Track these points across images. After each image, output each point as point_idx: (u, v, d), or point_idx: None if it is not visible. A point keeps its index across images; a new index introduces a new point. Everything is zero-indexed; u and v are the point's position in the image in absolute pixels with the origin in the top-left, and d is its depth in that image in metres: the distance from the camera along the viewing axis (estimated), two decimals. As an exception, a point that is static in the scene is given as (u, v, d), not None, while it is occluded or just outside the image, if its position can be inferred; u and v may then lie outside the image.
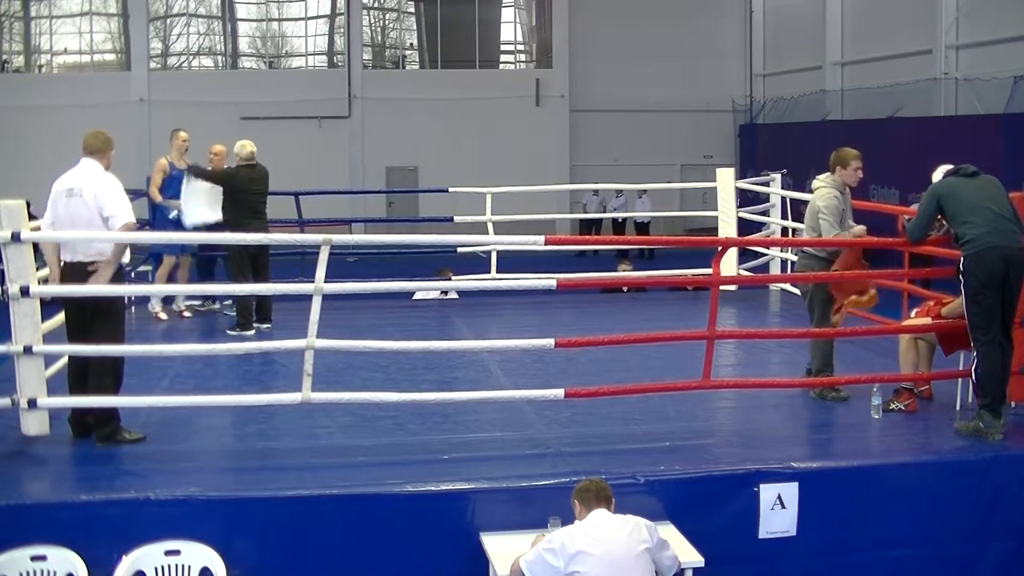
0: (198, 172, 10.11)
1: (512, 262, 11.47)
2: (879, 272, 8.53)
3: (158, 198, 10.29)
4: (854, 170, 7.19)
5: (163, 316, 10.24)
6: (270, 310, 9.91)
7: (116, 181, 6.29)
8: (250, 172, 10.08)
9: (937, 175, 6.76)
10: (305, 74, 31.21)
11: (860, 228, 7.24)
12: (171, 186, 10.29)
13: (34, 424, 6.13)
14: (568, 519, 5.10)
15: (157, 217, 10.43)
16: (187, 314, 10.51)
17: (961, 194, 6.49)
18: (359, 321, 10.50)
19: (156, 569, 5.22)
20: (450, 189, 13.04)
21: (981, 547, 6.01)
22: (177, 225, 10.13)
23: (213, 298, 10.80)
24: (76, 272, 6.21)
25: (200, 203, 10.05)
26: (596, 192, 26.00)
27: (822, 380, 7.20)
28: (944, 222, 6.70)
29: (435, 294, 12.17)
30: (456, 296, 12.11)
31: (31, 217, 6.58)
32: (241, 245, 9.48)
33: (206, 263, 11.18)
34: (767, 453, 6.09)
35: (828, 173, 7.25)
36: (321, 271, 6.02)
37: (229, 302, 10.76)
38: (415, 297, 11.95)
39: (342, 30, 30.32)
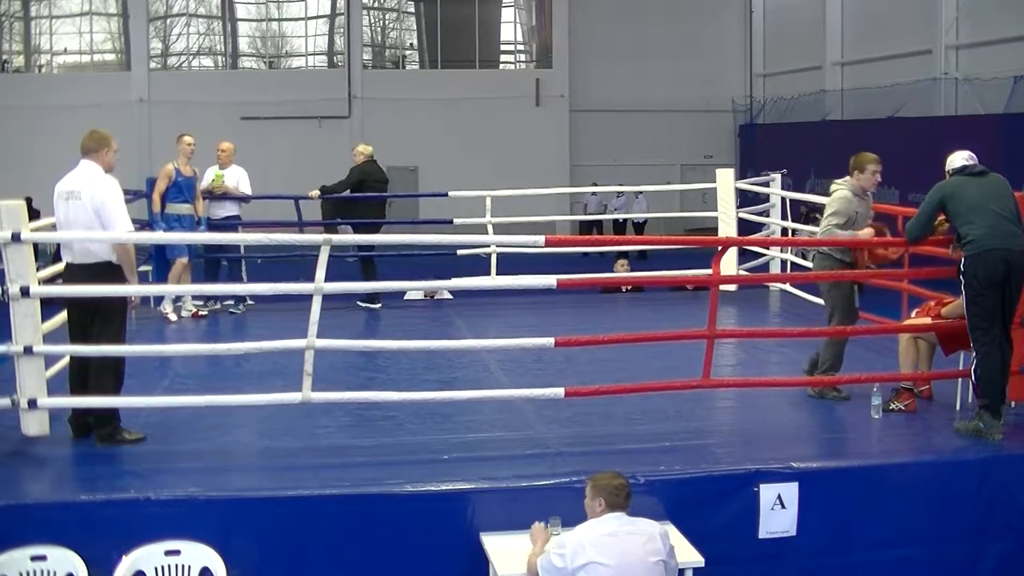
0: (327, 189, 11.45)
1: (512, 263, 11.46)
2: (879, 272, 8.53)
3: (156, 207, 10.20)
4: (872, 174, 7.17)
5: (173, 317, 10.20)
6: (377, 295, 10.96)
7: (115, 184, 6.27)
8: (375, 167, 11.51)
9: (951, 163, 6.69)
10: (305, 74, 31.21)
11: (868, 230, 7.13)
12: (175, 193, 10.24)
13: (34, 424, 6.13)
14: (568, 519, 5.09)
15: (155, 226, 10.33)
16: (203, 313, 10.49)
17: (965, 194, 6.46)
18: (359, 321, 10.53)
19: (156, 569, 5.22)
20: (450, 193, 13.02)
21: (981, 547, 6.00)
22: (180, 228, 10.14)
23: (216, 298, 10.79)
24: (77, 273, 6.21)
25: None
26: (595, 192, 26.01)
27: (822, 380, 7.21)
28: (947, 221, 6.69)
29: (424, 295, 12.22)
30: (451, 296, 12.11)
31: (34, 213, 6.57)
32: None
33: (211, 264, 11.18)
34: (767, 453, 6.09)
35: (847, 177, 7.25)
36: (321, 271, 6.02)
37: (231, 301, 10.78)
38: (406, 297, 11.96)
39: (342, 30, 30.32)
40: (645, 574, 4.69)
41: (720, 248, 6.98)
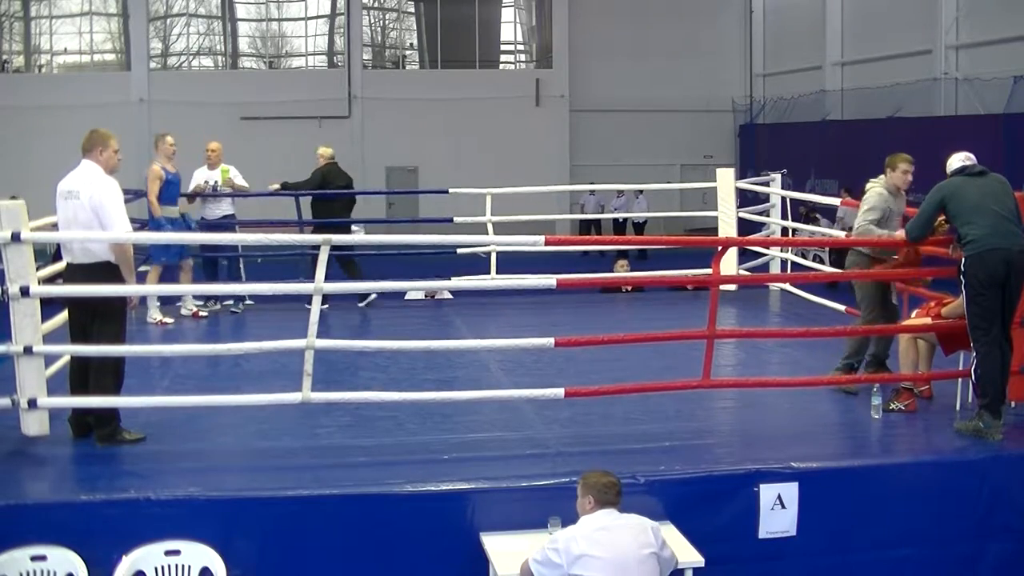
0: (290, 186, 11.44)
1: (512, 262, 11.47)
2: (880, 272, 8.52)
3: (158, 212, 10.01)
4: (902, 172, 7.23)
5: (168, 320, 10.07)
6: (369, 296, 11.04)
7: (113, 184, 6.26)
8: (337, 169, 11.48)
9: (951, 164, 6.71)
10: (305, 74, 31.21)
11: (900, 232, 7.12)
12: (168, 192, 10.12)
13: (34, 424, 6.13)
14: (568, 520, 5.09)
15: (155, 228, 10.25)
16: (203, 313, 10.45)
17: (965, 194, 6.47)
18: (358, 321, 10.54)
19: (156, 569, 5.22)
20: (450, 190, 13.03)
21: (981, 547, 6.01)
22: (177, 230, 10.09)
23: (215, 298, 10.78)
24: (77, 273, 6.21)
25: None
26: (593, 192, 26.01)
27: (820, 380, 7.23)
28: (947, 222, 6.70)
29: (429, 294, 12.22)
30: (451, 296, 12.10)
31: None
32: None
33: (209, 263, 11.16)
34: (767, 453, 6.09)
35: (881, 176, 7.33)
36: (321, 271, 6.02)
37: (231, 301, 10.77)
38: (406, 297, 11.96)
39: (342, 30, 30.32)
40: (638, 566, 4.73)
41: (720, 248, 6.98)
